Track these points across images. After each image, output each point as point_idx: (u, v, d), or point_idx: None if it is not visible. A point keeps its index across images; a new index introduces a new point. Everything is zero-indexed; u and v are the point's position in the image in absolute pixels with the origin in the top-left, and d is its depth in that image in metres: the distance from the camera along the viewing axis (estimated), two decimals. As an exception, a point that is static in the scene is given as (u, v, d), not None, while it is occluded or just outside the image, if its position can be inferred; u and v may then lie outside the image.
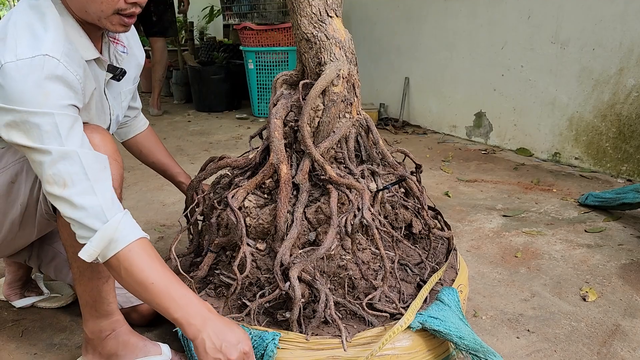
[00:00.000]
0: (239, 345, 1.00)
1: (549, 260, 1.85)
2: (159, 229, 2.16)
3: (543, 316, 1.52)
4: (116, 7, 1.04)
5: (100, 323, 1.22)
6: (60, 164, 0.96)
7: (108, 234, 0.98)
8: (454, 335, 1.17)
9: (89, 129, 1.14)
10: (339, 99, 1.28)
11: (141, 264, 1.00)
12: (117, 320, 1.25)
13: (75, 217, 0.97)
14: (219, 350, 0.98)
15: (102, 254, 1.00)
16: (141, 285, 0.99)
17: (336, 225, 1.17)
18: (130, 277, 1.00)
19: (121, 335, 1.25)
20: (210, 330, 0.99)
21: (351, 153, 1.34)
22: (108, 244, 0.99)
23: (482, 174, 2.85)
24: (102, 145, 1.12)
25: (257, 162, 1.33)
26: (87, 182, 0.98)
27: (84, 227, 0.99)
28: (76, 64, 1.02)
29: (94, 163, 1.00)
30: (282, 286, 1.15)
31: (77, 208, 0.97)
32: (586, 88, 2.83)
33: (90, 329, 1.23)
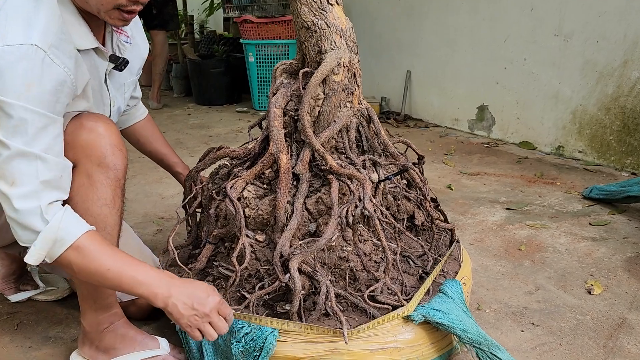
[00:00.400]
0: (209, 298, 1.02)
1: (554, 253, 1.83)
2: (158, 222, 2.13)
3: (548, 309, 1.49)
4: (116, 3, 1.02)
5: (98, 316, 1.20)
6: (16, 161, 0.93)
7: (51, 235, 0.96)
8: (458, 328, 1.14)
9: (93, 117, 1.11)
10: (339, 88, 1.25)
11: (91, 255, 0.99)
12: (116, 314, 1.23)
13: (14, 217, 0.96)
14: (192, 308, 1.00)
15: (49, 255, 0.98)
16: (97, 274, 0.99)
17: (337, 216, 1.14)
18: (84, 271, 0.99)
19: (119, 329, 1.22)
20: (177, 293, 1.01)
21: (352, 143, 1.31)
22: (53, 245, 0.97)
23: (485, 167, 2.82)
24: (106, 135, 1.09)
25: (257, 152, 1.30)
26: (35, 186, 0.95)
27: (23, 229, 0.96)
28: (66, 55, 0.99)
29: (50, 171, 0.97)
30: (281, 278, 1.13)
31: (16, 210, 0.95)
32: (590, 81, 2.79)
33: (88, 322, 1.21)
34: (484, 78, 3.41)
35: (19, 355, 1.31)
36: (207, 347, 1.17)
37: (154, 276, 1.02)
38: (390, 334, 1.13)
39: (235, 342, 1.11)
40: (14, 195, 0.94)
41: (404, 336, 1.14)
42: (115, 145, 1.09)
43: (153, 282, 1.01)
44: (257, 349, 1.09)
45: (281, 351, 1.10)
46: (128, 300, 1.35)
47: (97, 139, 1.07)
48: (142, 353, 1.21)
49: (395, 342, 1.13)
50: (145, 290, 1.00)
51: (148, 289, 1.00)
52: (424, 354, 1.18)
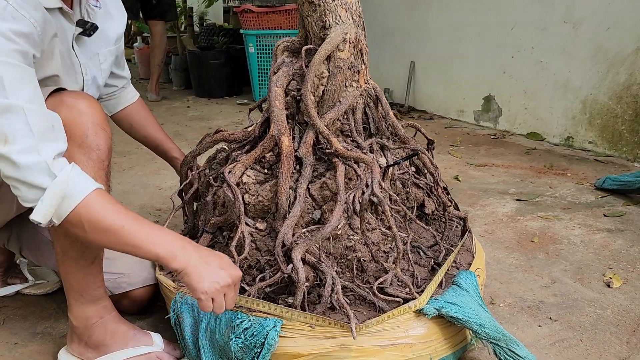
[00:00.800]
0: (231, 269, 0.96)
1: (568, 245, 1.74)
2: (155, 213, 2.05)
3: (565, 303, 1.41)
4: None
5: (86, 309, 1.12)
6: (2, 118, 0.84)
7: (59, 189, 0.87)
8: (474, 322, 1.06)
9: (73, 94, 1.03)
10: (345, 66, 1.17)
11: (105, 211, 0.90)
12: (105, 307, 1.15)
13: (17, 176, 0.86)
14: (215, 274, 0.93)
15: (58, 213, 0.88)
16: (110, 232, 0.90)
17: (343, 201, 1.06)
18: (97, 228, 0.90)
19: (109, 323, 1.14)
20: (199, 257, 0.94)
21: (359, 125, 1.22)
22: (62, 201, 0.87)
23: (493, 159, 2.73)
24: (88, 113, 1.01)
25: (257, 135, 1.22)
26: (32, 140, 0.86)
27: (29, 187, 0.87)
28: (31, 6, 0.91)
29: (41, 121, 0.88)
30: (284, 269, 1.04)
31: (18, 166, 0.85)
32: (601, 69, 2.70)
33: (75, 316, 1.13)
34: (490, 67, 3.32)
35: (3, 352, 1.23)
36: (204, 343, 1.09)
37: (174, 237, 0.95)
38: (401, 329, 1.05)
39: (234, 337, 1.03)
40: (13, 152, 0.84)
41: (416, 331, 1.06)
42: (97, 124, 1.01)
43: (172, 245, 0.93)
44: (257, 345, 1.01)
45: (284, 347, 1.02)
46: (120, 293, 1.27)
47: (77, 117, 0.98)
48: (135, 350, 1.13)
49: (407, 338, 1.05)
50: (163, 250, 0.92)
51: (166, 250, 0.92)
52: (437, 350, 1.09)
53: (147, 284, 1.31)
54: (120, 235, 0.90)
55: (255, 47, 4.21)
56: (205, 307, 0.95)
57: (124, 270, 1.28)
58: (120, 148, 2.97)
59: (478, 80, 3.43)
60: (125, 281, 1.28)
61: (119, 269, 1.28)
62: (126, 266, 1.29)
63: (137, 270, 1.30)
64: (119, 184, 2.39)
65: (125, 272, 1.28)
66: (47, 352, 1.23)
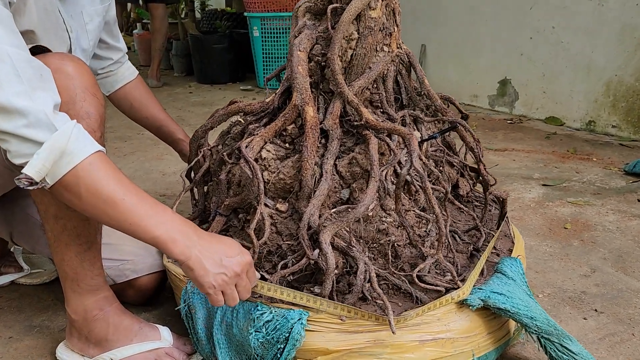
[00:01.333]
0: (238, 257, 0.85)
1: (604, 232, 1.62)
2: (159, 199, 1.92)
3: (610, 294, 1.29)
4: None
5: (84, 301, 1.00)
6: None
7: (60, 144, 0.75)
8: (524, 315, 0.94)
9: (58, 55, 0.90)
10: (377, 27, 1.04)
11: (106, 177, 0.78)
12: (106, 298, 1.02)
13: (10, 127, 0.73)
14: (221, 265, 0.83)
15: (53, 171, 0.76)
16: (108, 202, 0.78)
17: (378, 177, 0.93)
18: (94, 195, 0.78)
19: (111, 316, 1.02)
20: (202, 244, 0.82)
21: (390, 95, 1.10)
22: (60, 157, 0.75)
23: (512, 143, 2.61)
24: (77, 76, 0.88)
25: (276, 107, 1.09)
26: (21, 85, 0.73)
27: (23, 140, 0.74)
28: None
29: (30, 68, 0.76)
30: (310, 254, 0.92)
31: (12, 113, 0.72)
32: (628, 48, 2.56)
33: (73, 309, 1.00)
34: (507, 50, 3.18)
35: (-4, 347, 1.11)
36: (220, 337, 0.97)
37: (177, 220, 0.84)
38: (442, 322, 0.93)
39: (254, 331, 0.91)
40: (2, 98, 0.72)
41: (458, 325, 0.94)
42: (87, 88, 0.88)
43: (175, 227, 0.82)
44: (281, 340, 0.89)
45: (311, 343, 0.90)
46: (123, 281, 1.15)
47: (64, 81, 0.85)
48: (140, 345, 1.01)
49: (448, 332, 0.93)
50: (164, 232, 0.80)
51: (167, 233, 0.80)
52: (480, 345, 0.97)
53: (153, 271, 1.19)
54: (119, 208, 0.79)
55: (260, 31, 4.07)
56: (216, 301, 0.84)
57: (127, 257, 1.17)
58: (121, 133, 2.85)
59: (493, 63, 3.29)
60: (129, 268, 1.17)
61: (122, 255, 1.16)
62: (130, 252, 1.17)
63: (142, 257, 1.18)
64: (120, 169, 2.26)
65: (128, 258, 1.17)
66: (44, 347, 1.11)
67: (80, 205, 0.79)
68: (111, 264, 1.14)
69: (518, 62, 3.13)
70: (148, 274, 1.18)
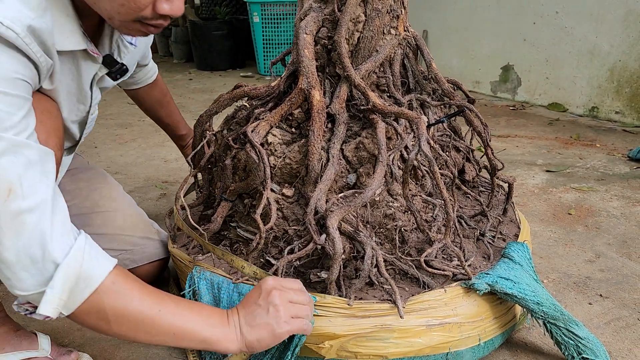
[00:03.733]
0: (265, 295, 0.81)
1: (608, 218, 1.62)
2: (161, 186, 1.92)
3: (615, 279, 1.29)
4: (139, 15, 0.75)
5: None
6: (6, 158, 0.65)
7: (74, 269, 0.69)
8: (531, 300, 0.94)
9: None
10: (384, 9, 1.02)
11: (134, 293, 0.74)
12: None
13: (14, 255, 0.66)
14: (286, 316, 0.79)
15: (69, 303, 0.70)
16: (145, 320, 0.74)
17: (385, 162, 0.92)
18: (125, 317, 0.73)
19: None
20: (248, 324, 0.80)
21: (397, 79, 1.08)
22: (76, 284, 0.70)
23: (515, 130, 2.60)
24: None
25: (282, 91, 1.08)
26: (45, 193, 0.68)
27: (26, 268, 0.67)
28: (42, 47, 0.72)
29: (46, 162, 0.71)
30: (316, 239, 0.91)
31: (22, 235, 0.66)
32: (632, 33, 2.54)
33: None
34: (509, 35, 3.15)
35: None
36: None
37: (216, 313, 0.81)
38: (449, 307, 0.93)
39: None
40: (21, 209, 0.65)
41: (465, 309, 0.94)
42: None
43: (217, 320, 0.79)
44: (288, 325, 0.89)
45: (318, 327, 0.89)
46: None
47: None
48: (13, 355, 0.94)
49: (455, 317, 0.93)
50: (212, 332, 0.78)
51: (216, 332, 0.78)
52: (486, 330, 0.97)
53: (152, 260, 1.18)
54: (158, 322, 0.74)
55: (260, 17, 4.03)
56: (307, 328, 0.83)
57: (126, 247, 1.15)
58: (122, 120, 2.83)
59: (496, 49, 3.27)
60: (128, 258, 1.15)
61: (120, 245, 1.15)
62: (128, 242, 1.15)
63: (140, 246, 1.17)
64: (121, 156, 2.25)
65: (127, 248, 1.15)
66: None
67: (108, 329, 0.74)
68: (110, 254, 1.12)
69: (521, 48, 3.11)
70: (147, 263, 1.18)
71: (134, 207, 1.23)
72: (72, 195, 1.15)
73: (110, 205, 1.18)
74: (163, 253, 1.20)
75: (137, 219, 1.20)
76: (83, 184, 1.18)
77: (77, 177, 1.19)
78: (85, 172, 1.22)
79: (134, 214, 1.21)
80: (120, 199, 1.20)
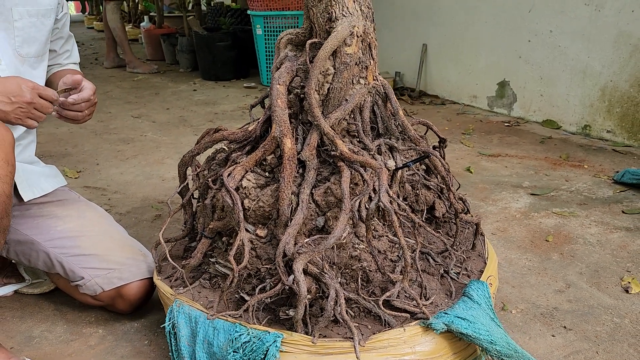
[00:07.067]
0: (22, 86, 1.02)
1: (584, 246, 1.67)
2: (157, 206, 2.00)
3: (581, 310, 1.35)
4: None
5: None
6: None
7: None
8: (484, 340, 1.00)
9: None
10: (352, 62, 1.09)
11: None
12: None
13: None
14: (11, 102, 1.01)
15: None
16: None
17: (348, 210, 0.99)
18: None
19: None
20: None
21: (366, 125, 1.15)
22: None
23: (506, 148, 2.65)
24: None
25: (258, 135, 1.15)
26: None
27: None
28: None
29: None
30: (285, 280, 0.99)
31: None
32: (623, 54, 2.58)
33: None
34: (505, 51, 3.20)
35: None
36: (202, 355, 1.04)
37: None
38: (407, 345, 1.00)
39: (232, 352, 0.99)
40: None
41: (423, 347, 1.01)
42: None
43: None
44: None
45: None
46: (112, 289, 1.23)
47: None
48: None
49: (413, 354, 0.99)
50: None
51: None
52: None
53: (138, 279, 1.27)
54: None
55: (263, 29, 4.11)
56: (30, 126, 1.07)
57: (113, 266, 1.25)
58: (124, 135, 2.93)
59: (492, 64, 3.31)
60: (116, 276, 1.25)
61: (109, 264, 1.25)
62: (116, 262, 1.25)
63: (127, 265, 1.26)
64: (121, 174, 2.34)
65: (115, 267, 1.25)
66: (43, 357, 1.20)
67: None
68: (99, 272, 1.23)
69: (516, 65, 3.15)
70: (134, 281, 1.26)
71: (121, 233, 1.34)
72: (64, 220, 1.27)
73: (99, 230, 1.29)
74: (148, 273, 1.29)
75: (124, 242, 1.31)
76: (73, 212, 1.30)
77: (67, 206, 1.30)
78: (75, 203, 1.33)
79: (120, 238, 1.32)
80: (106, 225, 1.32)
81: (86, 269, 1.23)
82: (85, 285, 1.23)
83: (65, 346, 1.23)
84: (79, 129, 3.04)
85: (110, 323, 1.31)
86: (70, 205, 1.31)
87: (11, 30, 1.19)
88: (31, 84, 1.03)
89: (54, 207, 1.28)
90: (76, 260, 1.23)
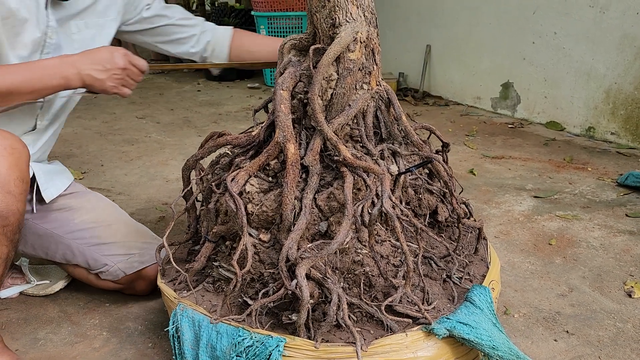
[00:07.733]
0: (114, 54, 1.08)
1: (587, 249, 1.67)
2: (161, 208, 2.01)
3: (583, 315, 1.35)
4: None
5: None
6: None
7: None
8: (487, 345, 1.00)
9: None
10: (355, 67, 1.09)
11: None
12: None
13: None
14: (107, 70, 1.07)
15: None
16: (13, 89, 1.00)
17: (351, 215, 1.00)
18: None
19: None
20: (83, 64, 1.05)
21: (369, 130, 1.16)
22: None
23: (510, 150, 2.64)
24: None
25: (261, 140, 1.16)
26: None
27: None
28: None
29: None
30: (287, 285, 0.99)
31: None
32: (627, 57, 2.57)
33: None
34: (509, 53, 3.19)
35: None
36: (204, 358, 1.05)
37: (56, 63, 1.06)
38: (409, 350, 1.00)
39: (235, 356, 0.99)
40: None
41: (425, 352, 1.01)
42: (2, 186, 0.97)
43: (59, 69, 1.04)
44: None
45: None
46: (133, 272, 1.30)
47: None
48: None
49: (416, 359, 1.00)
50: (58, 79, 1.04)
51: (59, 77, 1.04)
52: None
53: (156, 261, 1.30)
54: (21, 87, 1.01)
55: (267, 30, 4.11)
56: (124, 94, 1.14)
57: (133, 251, 1.32)
58: (129, 135, 2.94)
59: (496, 66, 3.31)
60: (137, 260, 1.32)
61: (129, 250, 1.31)
62: (135, 247, 1.32)
63: (146, 249, 1.33)
64: (125, 175, 2.35)
65: (135, 252, 1.32)
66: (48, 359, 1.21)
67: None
68: (120, 258, 1.30)
69: (520, 66, 3.14)
70: (154, 263, 1.33)
71: (131, 219, 1.41)
72: (80, 212, 1.33)
73: (112, 219, 1.35)
74: None
75: (136, 228, 1.39)
76: (86, 204, 1.35)
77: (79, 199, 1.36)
78: (85, 195, 1.39)
79: (133, 224, 1.40)
80: (117, 214, 1.39)
81: (108, 256, 1.29)
82: (108, 272, 1.30)
83: (70, 348, 1.24)
84: (83, 129, 3.06)
85: (114, 325, 1.32)
86: (80, 198, 1.36)
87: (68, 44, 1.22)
88: (122, 50, 1.07)
89: (67, 200, 1.33)
90: (98, 249, 1.29)
